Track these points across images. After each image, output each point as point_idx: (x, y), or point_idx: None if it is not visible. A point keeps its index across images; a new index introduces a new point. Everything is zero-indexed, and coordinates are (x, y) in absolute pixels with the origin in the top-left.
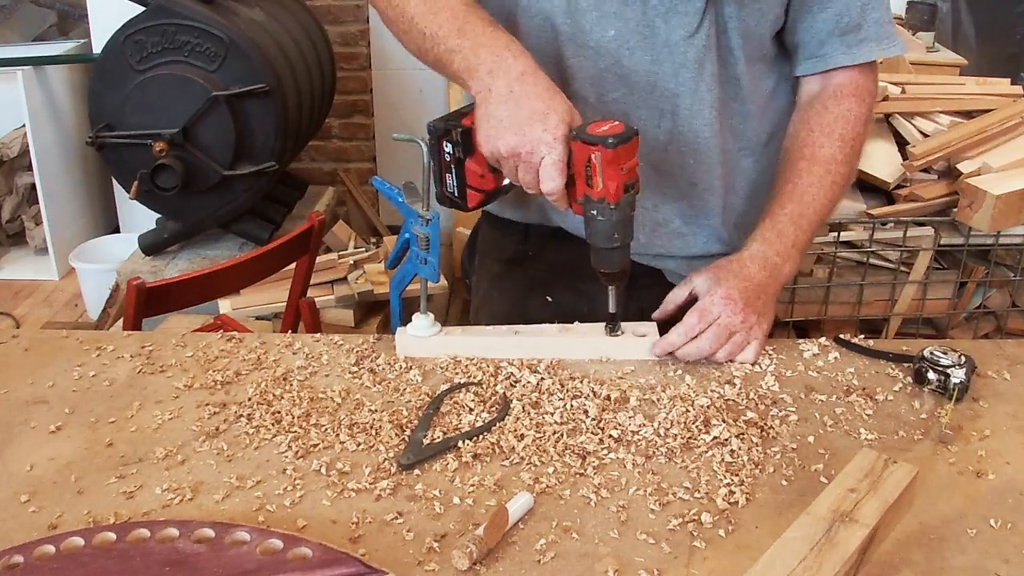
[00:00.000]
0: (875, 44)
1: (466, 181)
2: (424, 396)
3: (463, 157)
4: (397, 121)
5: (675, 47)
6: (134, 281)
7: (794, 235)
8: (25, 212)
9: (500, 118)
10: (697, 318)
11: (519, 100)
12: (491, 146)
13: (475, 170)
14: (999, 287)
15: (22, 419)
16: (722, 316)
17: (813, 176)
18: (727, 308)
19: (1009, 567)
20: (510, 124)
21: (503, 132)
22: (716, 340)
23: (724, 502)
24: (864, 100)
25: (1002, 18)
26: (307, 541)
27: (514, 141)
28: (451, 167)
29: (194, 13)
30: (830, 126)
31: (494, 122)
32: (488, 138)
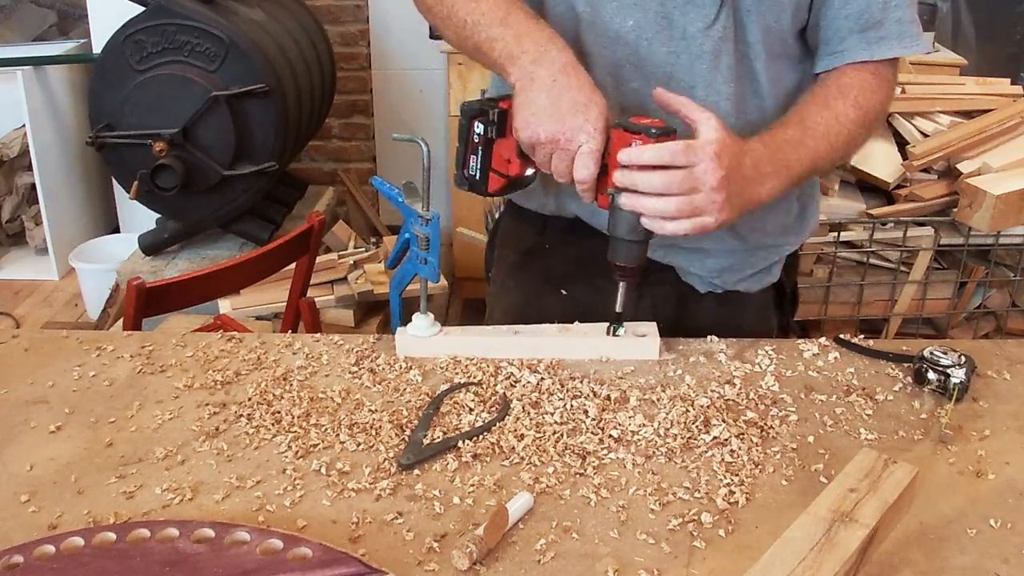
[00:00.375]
0: (896, 42)
1: (491, 164)
2: (424, 396)
3: (493, 138)
4: (397, 121)
5: (692, 39)
6: (134, 281)
7: (787, 158)
8: (25, 212)
9: (543, 105)
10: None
11: (562, 90)
12: (530, 131)
13: (503, 154)
14: (999, 287)
15: (22, 419)
16: (699, 167)
17: (821, 117)
18: (711, 166)
19: (1009, 567)
20: (553, 111)
21: (544, 119)
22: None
23: (724, 502)
24: (882, 81)
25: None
26: (307, 541)
27: (555, 128)
28: (478, 148)
29: (194, 13)
30: (847, 87)
31: (536, 108)
32: (528, 123)
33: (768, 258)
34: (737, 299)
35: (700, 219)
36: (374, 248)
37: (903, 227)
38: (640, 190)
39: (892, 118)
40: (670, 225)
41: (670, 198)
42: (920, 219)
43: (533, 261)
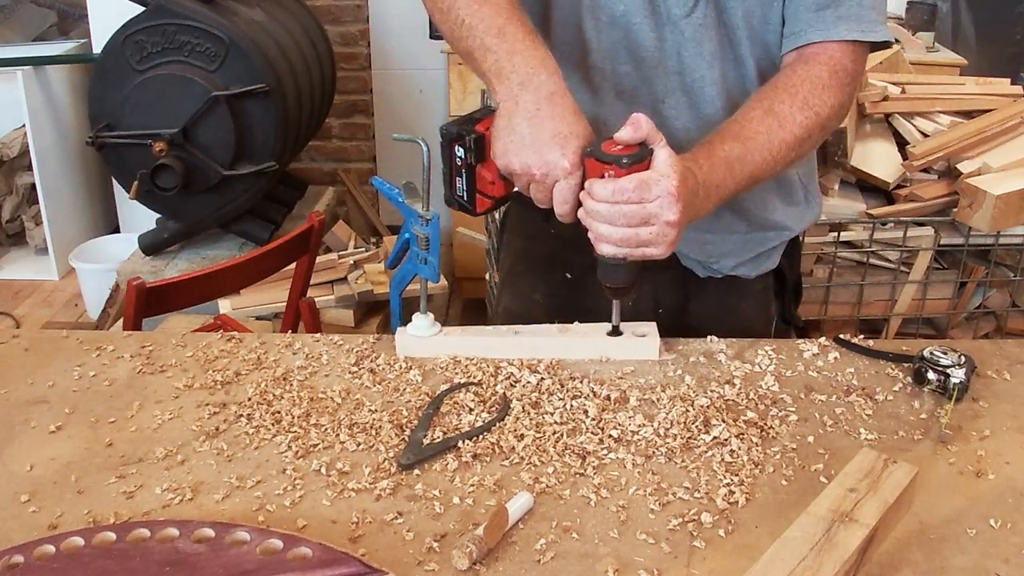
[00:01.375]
0: (854, 23)
1: (476, 187)
2: (424, 396)
3: (474, 163)
4: (397, 121)
5: (675, 24)
6: (134, 281)
7: (722, 177)
8: (25, 212)
9: (521, 135)
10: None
11: (543, 120)
12: (506, 160)
13: (486, 177)
14: (999, 287)
15: (22, 419)
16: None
17: (763, 126)
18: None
19: (1009, 567)
20: (530, 143)
21: (521, 149)
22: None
23: (724, 502)
24: (837, 74)
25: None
26: (307, 541)
27: (532, 160)
28: (461, 171)
29: (194, 13)
30: (794, 86)
31: (515, 137)
32: (505, 152)
33: (768, 242)
34: (737, 284)
35: (646, 250)
36: (374, 248)
37: (903, 227)
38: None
39: (892, 118)
40: (608, 248)
41: (615, 227)
42: (920, 219)
43: (539, 246)
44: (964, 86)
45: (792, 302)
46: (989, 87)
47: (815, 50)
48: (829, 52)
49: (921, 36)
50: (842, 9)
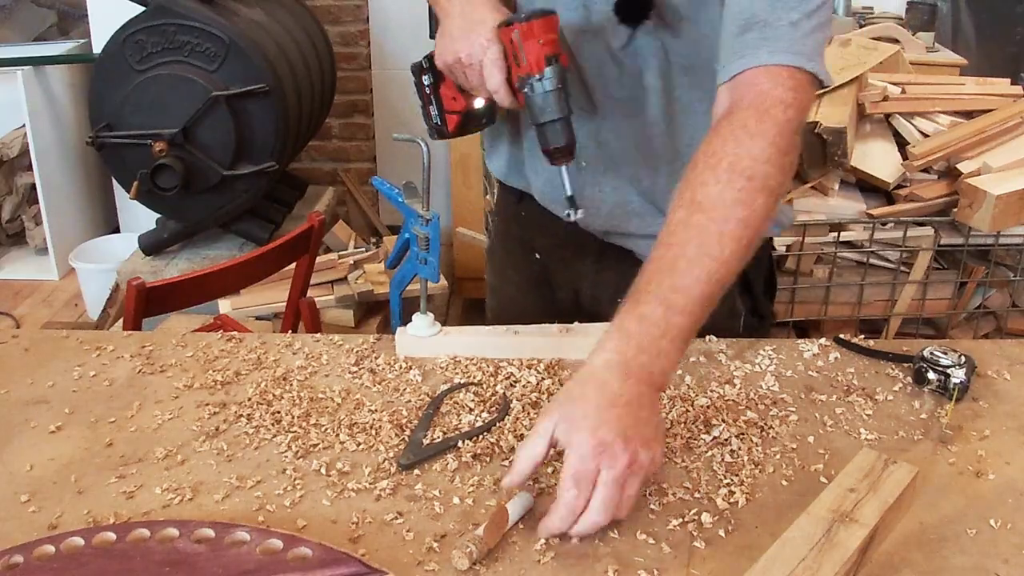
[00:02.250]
0: (784, 45)
1: (444, 107)
2: (424, 396)
3: (436, 83)
4: (397, 121)
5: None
6: (134, 281)
7: (664, 321)
8: (25, 212)
9: (450, 32)
10: (574, 487)
11: (464, 15)
12: (442, 59)
13: (447, 93)
14: (999, 287)
15: (22, 419)
16: (603, 472)
17: (691, 231)
18: (605, 459)
19: (1009, 567)
20: (456, 36)
21: (450, 44)
22: (608, 505)
23: (724, 502)
24: (768, 112)
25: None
26: (307, 541)
27: (457, 48)
28: (430, 98)
29: (194, 13)
30: (716, 155)
31: (445, 38)
32: (441, 52)
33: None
34: None
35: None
36: (374, 248)
37: (903, 227)
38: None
39: (892, 118)
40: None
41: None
42: (920, 219)
43: (513, 227)
44: (964, 86)
45: (765, 296)
46: (989, 87)
47: (742, 88)
48: (758, 86)
49: (921, 36)
50: (769, 31)
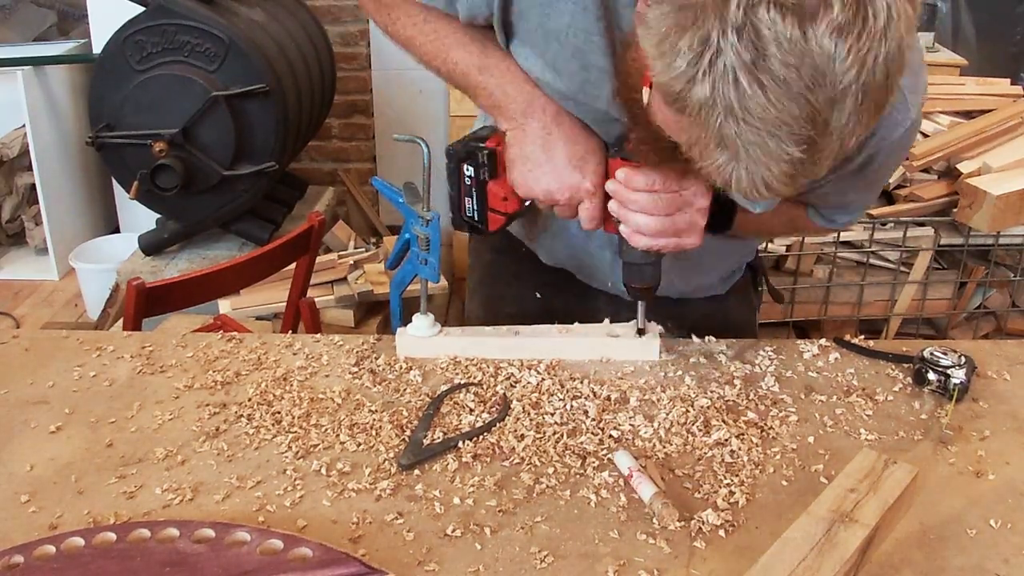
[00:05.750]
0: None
1: (487, 204)
2: (424, 396)
3: (486, 179)
4: (397, 121)
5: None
6: (134, 281)
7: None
8: (25, 212)
9: (538, 161)
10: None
11: (556, 143)
12: (527, 189)
13: (498, 193)
14: (999, 287)
15: (22, 419)
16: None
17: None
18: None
19: (1009, 567)
20: (549, 169)
21: (541, 177)
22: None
23: (724, 502)
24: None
25: (1002, 18)
26: (307, 541)
27: (552, 187)
28: (472, 190)
29: (194, 13)
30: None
31: (531, 165)
32: (524, 181)
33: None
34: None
35: (679, 240)
36: (374, 248)
37: (903, 227)
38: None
39: None
40: (645, 240)
41: (652, 217)
42: (920, 219)
43: (508, 261)
44: (964, 86)
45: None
46: (989, 87)
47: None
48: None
49: (921, 36)
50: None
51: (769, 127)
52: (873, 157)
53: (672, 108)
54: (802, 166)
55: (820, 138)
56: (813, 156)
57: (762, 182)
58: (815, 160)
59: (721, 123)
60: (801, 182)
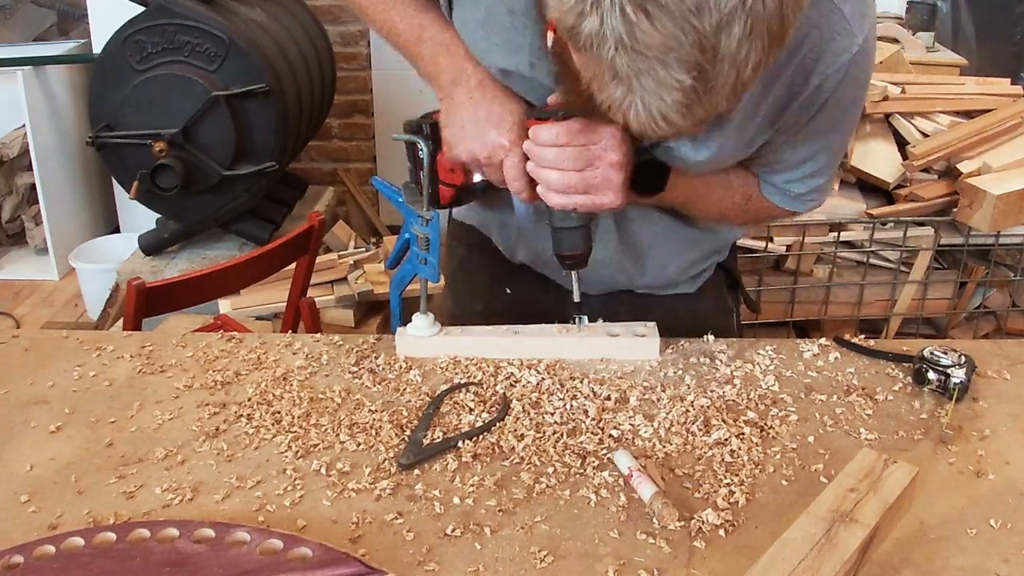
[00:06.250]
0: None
1: (438, 177)
2: (424, 396)
3: (434, 151)
4: (397, 121)
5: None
6: (134, 281)
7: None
8: (25, 212)
9: (462, 124)
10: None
11: (477, 106)
12: (454, 153)
13: (445, 165)
14: (999, 287)
15: (22, 419)
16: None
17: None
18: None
19: (1009, 567)
20: (471, 130)
21: (463, 138)
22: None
23: (724, 502)
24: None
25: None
26: (307, 541)
27: (475, 146)
28: (423, 164)
29: (194, 13)
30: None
31: (455, 129)
32: (452, 145)
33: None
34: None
35: (595, 197)
36: (374, 248)
37: (903, 227)
38: (539, 164)
39: (892, 118)
40: (558, 198)
41: (561, 172)
42: (920, 219)
43: (479, 257)
44: (964, 86)
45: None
46: (989, 87)
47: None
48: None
49: (921, 36)
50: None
51: (657, 54)
52: (819, 89)
53: (570, 46)
54: (696, 95)
55: (711, 65)
56: (706, 84)
57: (659, 113)
58: (709, 88)
59: (612, 55)
60: (700, 114)
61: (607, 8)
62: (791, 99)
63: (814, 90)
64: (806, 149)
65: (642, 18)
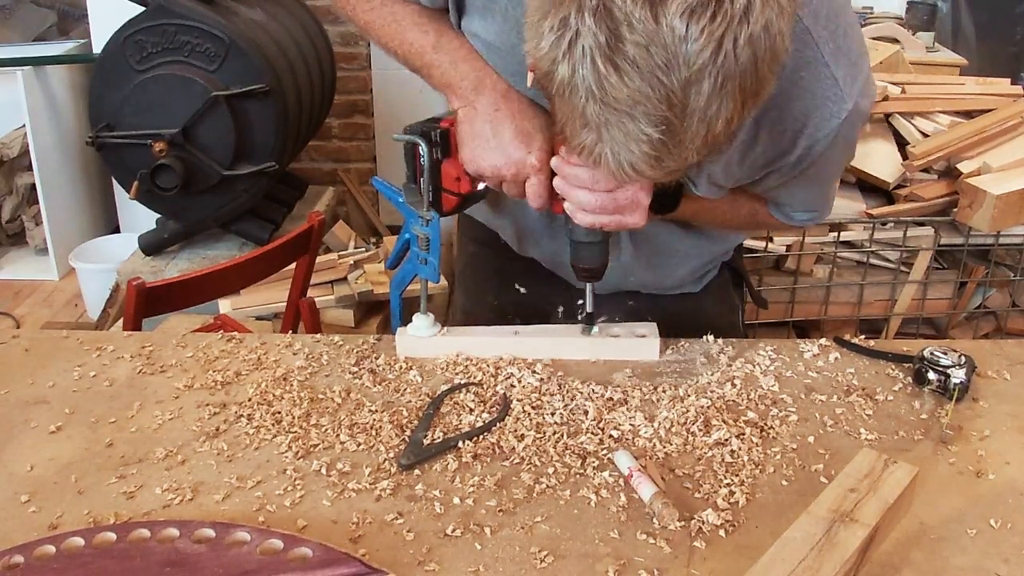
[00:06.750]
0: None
1: (441, 184)
2: (424, 396)
3: (439, 159)
4: (397, 121)
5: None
6: (134, 281)
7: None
8: (25, 212)
9: (486, 137)
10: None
11: (503, 120)
12: (475, 165)
13: (451, 173)
14: (999, 287)
15: (22, 419)
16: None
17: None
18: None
19: (1009, 567)
20: (495, 144)
21: (488, 152)
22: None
23: (724, 502)
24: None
25: (1002, 18)
26: (307, 541)
27: (499, 162)
28: (426, 171)
29: (194, 13)
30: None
31: (480, 141)
32: (473, 157)
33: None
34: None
35: (622, 217)
36: (374, 248)
37: (903, 227)
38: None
39: (892, 118)
40: (587, 217)
41: (593, 193)
42: (920, 219)
43: (489, 253)
44: (964, 86)
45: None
46: (989, 87)
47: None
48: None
49: (921, 36)
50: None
51: (625, 108)
52: (809, 151)
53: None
54: (664, 147)
55: (679, 119)
56: (674, 138)
57: (627, 163)
58: (678, 142)
59: (583, 104)
60: (670, 165)
61: (578, 58)
62: (780, 156)
63: (804, 151)
64: (800, 191)
65: (611, 71)
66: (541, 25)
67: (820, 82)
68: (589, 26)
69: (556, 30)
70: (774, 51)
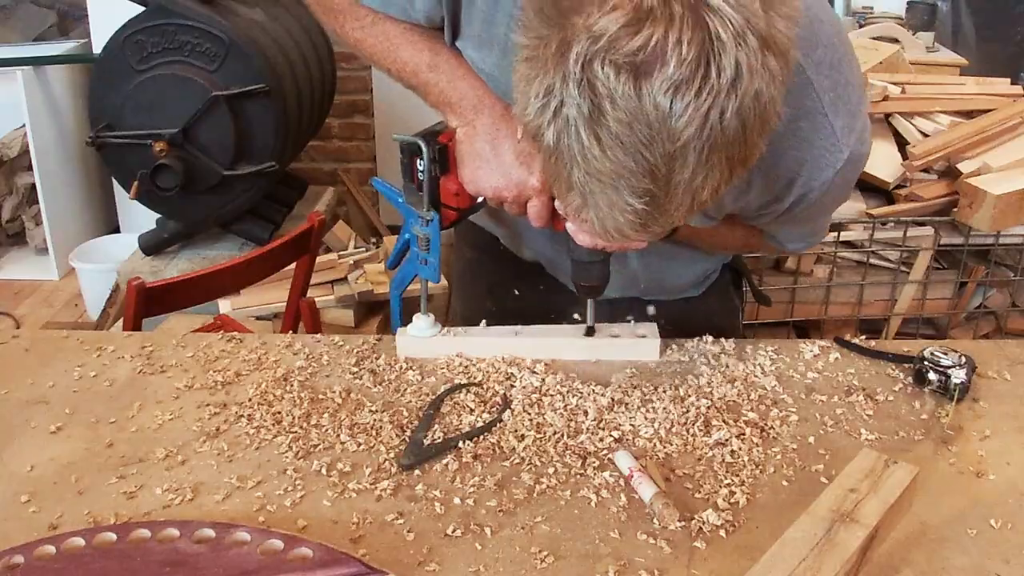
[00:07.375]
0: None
1: (440, 200)
2: (424, 397)
3: (438, 175)
4: (397, 121)
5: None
6: (134, 281)
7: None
8: (25, 212)
9: (486, 158)
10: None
11: (504, 140)
12: (476, 186)
13: (450, 188)
14: (999, 287)
15: (22, 419)
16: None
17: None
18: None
19: (1009, 567)
20: (496, 165)
21: (489, 173)
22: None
23: (725, 502)
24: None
25: (1002, 18)
26: (307, 541)
27: (501, 183)
28: (423, 185)
29: (194, 13)
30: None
31: (480, 161)
32: (474, 178)
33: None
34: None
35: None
36: (374, 248)
37: (903, 227)
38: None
39: (892, 118)
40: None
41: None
42: (920, 219)
43: (487, 258)
44: (964, 86)
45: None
46: (989, 87)
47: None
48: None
49: (921, 36)
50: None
51: (609, 179)
52: (803, 198)
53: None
54: (650, 216)
55: (663, 192)
56: (658, 208)
57: (613, 228)
58: (663, 211)
59: (569, 170)
60: (657, 230)
61: (563, 126)
62: (773, 200)
63: (798, 197)
64: (795, 228)
65: (594, 144)
66: (528, 90)
67: (818, 132)
68: (573, 96)
69: (542, 97)
70: (764, 118)
